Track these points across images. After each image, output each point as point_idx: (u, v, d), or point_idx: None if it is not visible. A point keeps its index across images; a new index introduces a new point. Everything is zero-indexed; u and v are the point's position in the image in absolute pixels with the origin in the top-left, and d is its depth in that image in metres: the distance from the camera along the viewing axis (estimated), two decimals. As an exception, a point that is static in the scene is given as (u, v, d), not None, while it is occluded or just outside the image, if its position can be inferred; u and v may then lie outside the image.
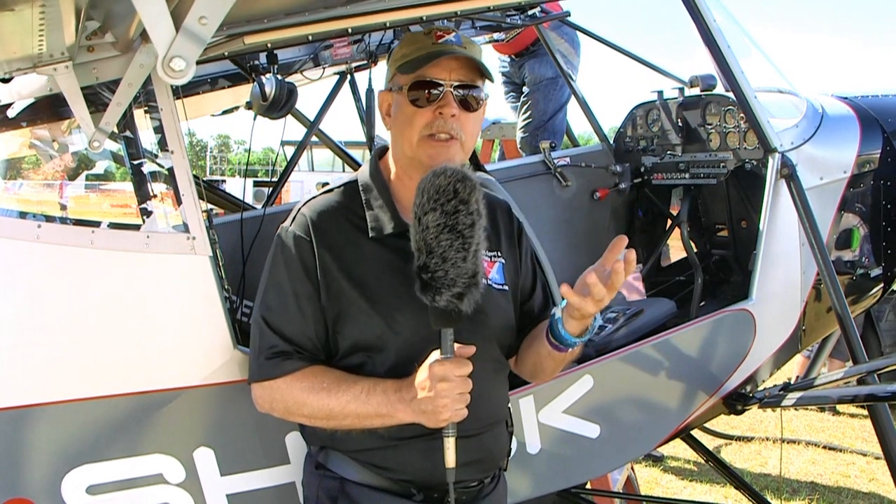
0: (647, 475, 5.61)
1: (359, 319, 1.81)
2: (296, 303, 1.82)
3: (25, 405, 2.01)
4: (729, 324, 2.80)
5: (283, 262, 1.85)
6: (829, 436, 6.64)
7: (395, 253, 1.82)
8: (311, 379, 1.80)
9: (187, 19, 1.45)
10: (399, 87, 1.87)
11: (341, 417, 1.77)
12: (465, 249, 1.58)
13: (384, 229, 1.85)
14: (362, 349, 1.83)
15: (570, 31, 4.42)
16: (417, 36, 1.91)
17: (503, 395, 2.02)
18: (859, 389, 2.82)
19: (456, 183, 1.57)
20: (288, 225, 1.88)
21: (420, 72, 1.82)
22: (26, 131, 2.86)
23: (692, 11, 2.83)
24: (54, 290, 2.03)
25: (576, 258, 3.99)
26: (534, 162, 4.06)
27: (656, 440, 2.82)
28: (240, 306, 3.15)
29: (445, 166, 1.61)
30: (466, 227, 1.58)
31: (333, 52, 3.85)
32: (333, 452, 1.88)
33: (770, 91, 3.45)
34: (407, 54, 1.87)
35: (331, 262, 1.81)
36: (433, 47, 1.84)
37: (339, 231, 1.85)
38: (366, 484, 1.84)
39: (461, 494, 1.85)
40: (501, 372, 2.00)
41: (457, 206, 1.57)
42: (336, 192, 1.94)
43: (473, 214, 1.59)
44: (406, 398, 1.71)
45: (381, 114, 1.98)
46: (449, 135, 1.82)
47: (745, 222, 3.70)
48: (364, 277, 1.81)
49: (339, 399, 1.76)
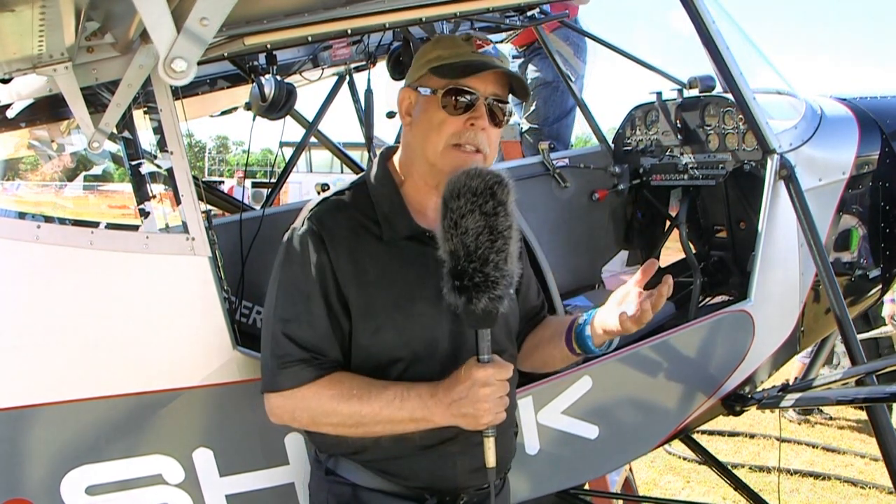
0: (645, 476, 5.62)
1: (371, 325, 1.77)
2: (311, 308, 1.75)
3: (25, 405, 2.01)
4: (727, 325, 2.80)
5: (297, 264, 1.77)
6: (828, 437, 6.65)
7: (408, 256, 1.79)
8: (338, 386, 1.73)
9: (188, 20, 1.45)
10: (432, 90, 1.80)
11: (373, 424, 1.72)
12: (505, 249, 1.57)
13: (397, 231, 1.81)
14: (375, 354, 1.78)
15: (576, 37, 4.40)
16: (456, 40, 1.85)
17: (515, 399, 2.03)
18: (858, 391, 2.82)
19: (494, 185, 1.57)
20: (299, 226, 1.81)
21: (459, 80, 1.78)
22: (26, 132, 2.86)
23: (691, 12, 2.83)
24: (53, 290, 2.03)
25: (574, 259, 4.00)
26: (532, 163, 4.05)
27: (655, 441, 2.82)
28: (239, 307, 3.16)
29: (478, 168, 1.61)
30: (506, 229, 1.57)
31: (332, 52, 3.86)
32: (344, 459, 1.85)
33: (769, 92, 3.45)
34: (444, 57, 1.81)
35: (345, 264, 1.76)
36: (474, 56, 1.80)
37: (351, 234, 1.79)
38: (378, 489, 1.82)
39: (472, 497, 1.86)
40: (515, 376, 1.99)
41: (495, 208, 1.56)
42: (346, 194, 1.88)
43: (511, 216, 1.58)
44: (444, 402, 1.67)
45: (399, 110, 1.91)
46: (476, 148, 1.79)
47: (743, 223, 3.70)
48: (378, 282, 1.77)
49: (370, 406, 1.70)
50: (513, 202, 1.60)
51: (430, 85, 1.82)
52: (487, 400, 1.63)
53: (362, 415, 1.71)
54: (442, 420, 1.69)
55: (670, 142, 3.78)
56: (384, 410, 1.70)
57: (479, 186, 1.56)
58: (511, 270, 1.59)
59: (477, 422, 1.65)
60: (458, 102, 1.78)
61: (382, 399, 1.70)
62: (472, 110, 1.78)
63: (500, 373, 1.65)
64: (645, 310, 1.68)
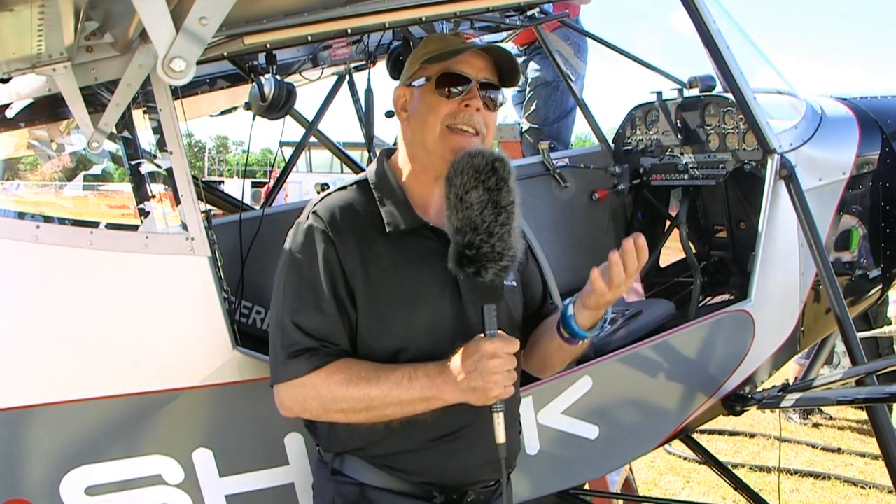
0: (645, 476, 5.61)
1: (376, 316, 1.79)
2: (319, 297, 1.77)
3: (24, 406, 2.01)
4: (728, 325, 2.80)
5: (303, 255, 1.80)
6: (828, 437, 6.65)
7: (412, 249, 1.82)
8: (346, 371, 1.75)
9: (187, 20, 1.45)
10: (426, 78, 1.88)
11: (383, 407, 1.73)
12: (509, 223, 1.62)
13: (401, 225, 1.83)
14: (380, 345, 1.81)
15: (577, 37, 4.40)
16: (444, 36, 1.97)
17: (518, 393, 2.02)
18: (858, 391, 2.82)
19: (494, 161, 1.63)
20: (304, 220, 1.85)
21: (449, 63, 1.85)
22: (25, 132, 2.85)
23: (691, 12, 2.83)
24: (53, 290, 2.03)
25: (574, 259, 3.99)
26: (533, 163, 4.06)
27: (655, 441, 2.82)
28: (239, 307, 3.15)
29: (479, 148, 1.67)
30: (509, 204, 1.63)
31: (332, 52, 3.85)
32: (350, 458, 1.86)
33: (769, 92, 3.44)
34: (434, 50, 1.89)
35: (350, 258, 1.78)
36: (463, 44, 1.89)
37: (356, 228, 1.82)
38: (386, 488, 1.83)
39: (480, 494, 1.87)
40: (518, 370, 2.02)
41: (498, 183, 1.62)
42: (349, 189, 1.92)
43: (514, 192, 1.64)
44: (453, 377, 1.69)
45: (395, 110, 1.97)
46: (474, 129, 1.84)
47: (743, 223, 3.70)
48: (382, 275, 1.80)
49: (380, 388, 1.72)
50: (514, 180, 1.65)
51: (423, 75, 1.89)
52: (496, 371, 1.64)
53: (372, 397, 1.72)
54: (452, 397, 1.70)
55: (670, 142, 3.78)
56: (393, 391, 1.72)
57: (481, 163, 1.62)
58: (515, 244, 1.64)
59: (487, 395, 1.66)
60: (452, 85, 1.85)
61: (391, 380, 1.72)
62: (465, 93, 1.85)
63: (508, 346, 1.67)
64: (616, 266, 1.68)
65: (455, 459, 1.79)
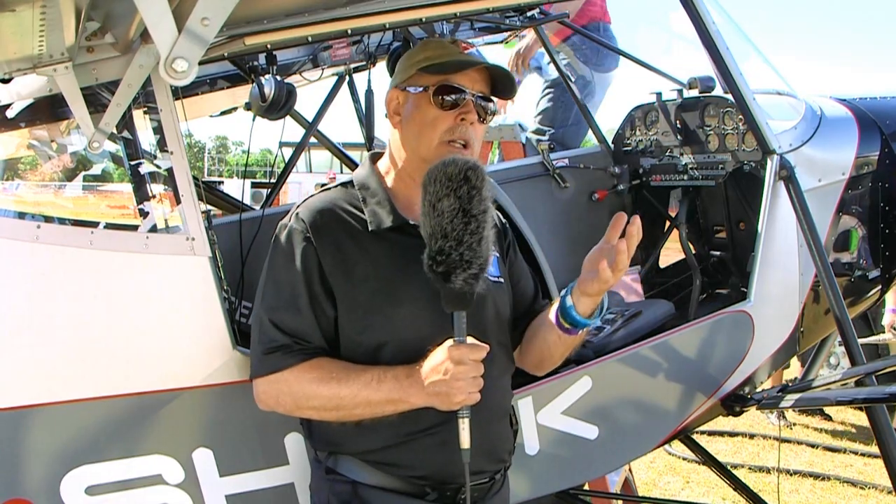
0: (645, 476, 5.62)
1: (358, 313, 1.84)
2: (296, 296, 1.84)
3: (24, 405, 2.01)
4: (727, 325, 2.81)
5: (282, 257, 1.87)
6: (828, 437, 6.66)
7: (394, 246, 1.86)
8: (318, 370, 1.81)
9: (189, 20, 1.46)
10: (423, 87, 1.90)
11: (352, 407, 1.78)
12: (479, 232, 1.64)
13: (383, 223, 1.88)
14: (362, 341, 1.85)
15: (590, 44, 4.35)
16: (443, 43, 1.99)
17: (508, 387, 2.05)
18: (857, 391, 2.82)
19: (467, 171, 1.64)
20: (287, 222, 1.91)
21: (449, 76, 1.89)
22: (26, 132, 2.85)
23: (691, 13, 2.83)
24: (53, 290, 2.03)
25: (574, 260, 3.95)
26: (532, 163, 4.05)
27: (655, 441, 2.82)
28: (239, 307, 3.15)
29: (454, 157, 1.69)
30: (480, 213, 1.65)
31: (332, 53, 3.84)
32: (343, 456, 1.89)
33: (769, 93, 3.45)
34: (433, 57, 1.91)
35: (330, 256, 1.84)
36: (462, 56, 1.93)
37: (337, 227, 1.87)
38: (378, 486, 1.85)
39: (473, 491, 1.87)
40: (507, 364, 2.04)
41: (470, 192, 1.64)
42: (333, 190, 1.99)
43: (486, 201, 1.66)
44: (419, 381, 1.73)
45: (387, 111, 2.00)
46: (465, 141, 1.90)
47: (743, 224, 3.70)
48: (364, 271, 1.84)
49: (349, 387, 1.77)
50: (488, 189, 1.67)
51: (420, 83, 1.92)
52: (460, 378, 1.68)
53: (341, 397, 1.78)
54: (418, 400, 1.74)
55: (670, 142, 3.78)
56: (362, 392, 1.77)
57: (454, 172, 1.64)
58: (485, 254, 1.66)
59: (450, 400, 1.70)
60: (449, 99, 1.89)
61: (360, 381, 1.77)
62: (461, 106, 1.89)
63: (474, 352, 1.70)
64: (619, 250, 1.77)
65: (445, 451, 1.80)
